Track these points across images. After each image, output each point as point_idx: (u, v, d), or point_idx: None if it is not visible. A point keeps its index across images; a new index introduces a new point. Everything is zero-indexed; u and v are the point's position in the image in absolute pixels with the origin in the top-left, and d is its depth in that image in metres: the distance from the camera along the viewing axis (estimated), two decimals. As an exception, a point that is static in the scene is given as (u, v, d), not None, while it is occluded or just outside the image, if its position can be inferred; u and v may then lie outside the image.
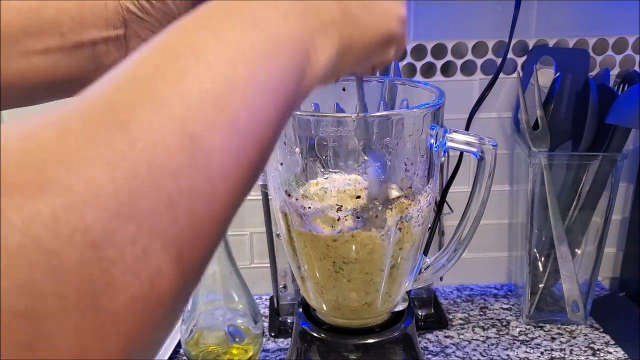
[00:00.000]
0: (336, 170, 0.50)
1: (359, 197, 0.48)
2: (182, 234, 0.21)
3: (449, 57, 0.79)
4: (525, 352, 0.74)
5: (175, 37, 0.26)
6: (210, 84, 0.24)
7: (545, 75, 0.77)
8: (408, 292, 0.58)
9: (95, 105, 0.22)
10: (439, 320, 0.80)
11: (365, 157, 0.48)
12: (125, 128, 0.21)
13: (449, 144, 0.50)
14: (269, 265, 0.77)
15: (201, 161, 0.22)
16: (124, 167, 0.20)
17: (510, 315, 0.82)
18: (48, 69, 0.40)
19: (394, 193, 0.50)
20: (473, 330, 0.79)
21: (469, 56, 0.79)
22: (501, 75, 0.75)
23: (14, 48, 0.39)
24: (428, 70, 0.79)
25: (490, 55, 0.79)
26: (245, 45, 0.26)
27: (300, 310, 0.59)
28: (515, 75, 0.80)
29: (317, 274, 0.53)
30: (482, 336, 0.77)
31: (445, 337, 0.77)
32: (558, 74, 0.74)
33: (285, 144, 0.50)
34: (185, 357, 0.70)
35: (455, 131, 0.50)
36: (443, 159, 0.72)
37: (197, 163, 0.22)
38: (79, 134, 0.20)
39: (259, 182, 0.69)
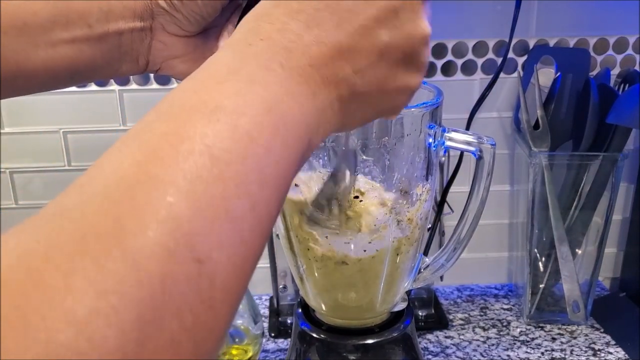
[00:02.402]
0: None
1: (357, 197, 0.48)
2: None
3: (450, 56, 0.79)
4: (526, 352, 0.74)
5: (179, 121, 0.24)
6: (222, 191, 0.22)
7: (545, 75, 0.77)
8: (408, 292, 0.57)
9: (92, 229, 0.20)
10: (439, 321, 0.80)
11: (364, 157, 0.48)
12: (131, 262, 0.19)
13: (448, 143, 0.50)
14: (268, 265, 0.77)
15: (206, 289, 0.21)
16: (132, 315, 0.19)
17: (511, 315, 0.82)
18: (73, 58, 0.41)
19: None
20: (473, 330, 0.78)
21: (470, 56, 0.79)
22: (502, 75, 0.75)
23: (41, 37, 0.39)
24: (428, 70, 0.79)
25: (490, 55, 0.79)
26: (260, 138, 0.24)
27: (300, 310, 0.59)
28: (515, 75, 0.79)
29: (317, 274, 0.53)
30: (483, 336, 0.77)
31: (446, 337, 0.77)
32: (559, 73, 0.74)
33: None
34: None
35: (453, 130, 0.50)
36: (443, 159, 0.72)
37: (202, 291, 0.21)
38: (79, 274, 0.18)
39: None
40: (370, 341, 0.54)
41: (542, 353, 0.73)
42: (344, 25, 0.29)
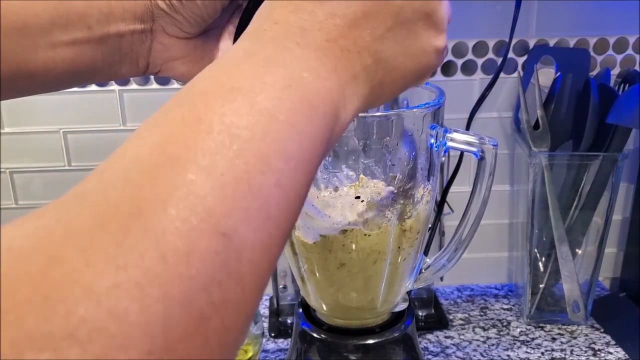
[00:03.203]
0: (336, 171, 0.49)
1: (358, 197, 0.48)
2: (213, 354, 0.20)
3: (450, 56, 0.79)
4: (526, 352, 0.74)
5: (197, 104, 0.24)
6: (243, 166, 0.22)
7: (545, 75, 0.77)
8: (408, 293, 0.57)
9: (113, 209, 0.20)
10: (439, 321, 0.80)
11: (364, 161, 0.48)
12: (153, 238, 0.19)
13: (449, 143, 0.50)
14: (269, 265, 0.77)
15: (233, 263, 0.21)
16: (155, 290, 0.18)
17: (511, 315, 0.82)
18: (73, 60, 0.40)
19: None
20: (473, 330, 0.78)
21: (470, 56, 0.79)
22: (502, 74, 0.75)
23: (41, 39, 0.39)
24: (428, 70, 0.79)
25: (490, 55, 0.79)
26: (279, 113, 0.24)
27: (300, 310, 0.59)
28: (515, 74, 0.79)
29: (317, 274, 0.53)
30: (483, 336, 0.77)
31: (446, 337, 0.77)
32: (559, 73, 0.74)
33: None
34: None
35: (455, 131, 0.50)
36: (443, 159, 0.72)
37: (229, 266, 0.21)
38: (98, 250, 0.18)
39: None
40: (371, 341, 0.54)
41: (542, 353, 0.73)
42: None
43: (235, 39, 0.38)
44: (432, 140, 0.49)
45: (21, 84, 0.40)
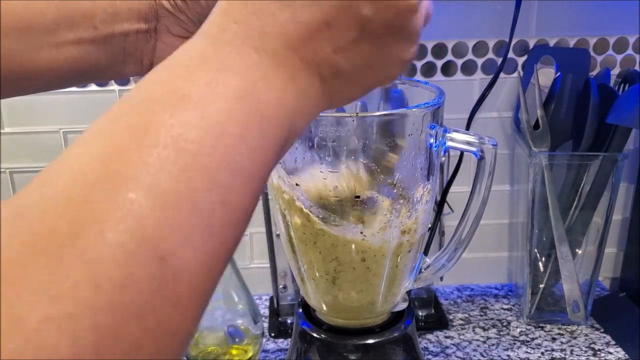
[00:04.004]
0: (335, 171, 0.49)
1: (357, 197, 0.48)
2: None
3: (450, 56, 0.79)
4: (526, 352, 0.74)
5: (144, 113, 0.23)
6: (187, 183, 0.21)
7: (545, 75, 0.77)
8: (408, 292, 0.57)
9: (50, 231, 0.19)
10: (439, 321, 0.80)
11: (364, 161, 0.48)
12: (88, 265, 0.18)
13: (449, 143, 0.50)
14: (268, 265, 0.77)
15: (170, 287, 0.20)
16: (87, 321, 0.18)
17: (511, 315, 0.82)
18: (78, 59, 0.40)
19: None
20: (473, 330, 0.78)
21: (470, 56, 0.79)
22: (502, 75, 0.75)
23: (46, 39, 0.39)
24: (428, 70, 0.79)
25: (490, 55, 0.79)
26: (230, 126, 0.23)
27: (300, 310, 0.59)
28: (515, 75, 0.79)
29: (317, 274, 0.53)
30: (483, 336, 0.77)
31: (446, 337, 0.77)
32: (559, 73, 0.74)
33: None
34: (184, 358, 0.70)
35: (455, 131, 0.50)
36: (443, 158, 0.72)
37: (166, 290, 0.20)
38: (31, 280, 0.18)
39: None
40: (370, 341, 0.54)
41: (542, 353, 0.73)
42: (322, 1, 0.27)
43: None
44: (432, 140, 0.49)
45: (25, 83, 0.41)
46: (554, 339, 0.76)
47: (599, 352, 0.73)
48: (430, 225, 0.62)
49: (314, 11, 0.27)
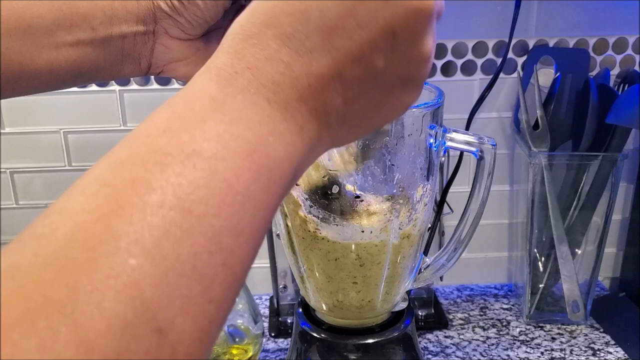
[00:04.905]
0: (336, 171, 0.50)
1: (358, 196, 0.48)
2: None
3: (449, 56, 0.79)
4: (526, 352, 0.74)
5: (151, 167, 0.22)
6: (191, 247, 0.21)
7: (545, 75, 0.77)
8: (408, 292, 0.57)
9: (44, 299, 0.18)
10: (439, 320, 0.80)
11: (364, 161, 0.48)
12: (83, 341, 0.17)
13: (449, 143, 0.50)
14: (269, 265, 0.77)
15: (166, 358, 0.19)
16: None
17: (511, 315, 0.82)
18: (76, 60, 0.41)
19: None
20: (473, 330, 0.79)
21: (469, 56, 0.79)
22: (501, 75, 0.75)
23: (45, 40, 0.39)
24: (428, 70, 0.79)
25: (490, 55, 0.79)
26: (238, 184, 0.23)
27: (300, 310, 0.59)
28: (515, 75, 0.79)
29: (317, 274, 0.53)
30: (482, 336, 0.77)
31: (446, 337, 0.77)
32: (558, 73, 0.74)
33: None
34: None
35: (454, 131, 0.50)
36: (443, 159, 0.72)
37: None
38: (15, 355, 0.17)
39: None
40: (370, 341, 0.54)
41: (542, 353, 0.73)
42: (335, 52, 0.26)
43: None
44: (432, 140, 0.49)
45: (25, 84, 0.41)
46: (553, 339, 0.76)
47: (598, 352, 0.73)
48: (430, 225, 0.63)
49: (328, 62, 0.27)
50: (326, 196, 0.49)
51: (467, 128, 0.73)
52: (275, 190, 0.25)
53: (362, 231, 0.49)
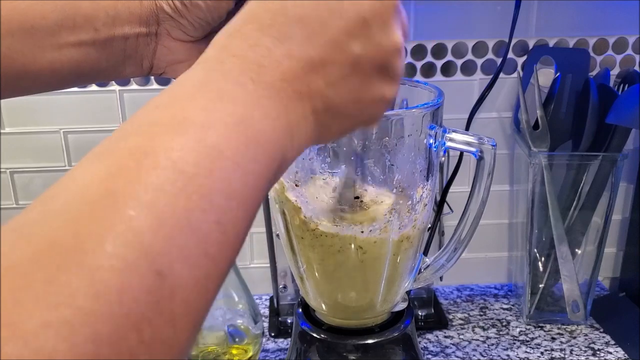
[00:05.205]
0: (335, 172, 0.50)
1: (357, 197, 0.48)
2: None
3: (449, 57, 0.79)
4: (526, 352, 0.74)
5: (145, 136, 0.24)
6: (184, 203, 0.22)
7: (545, 75, 0.77)
8: (408, 292, 0.57)
9: (50, 244, 0.19)
10: (439, 321, 0.80)
11: (363, 161, 0.48)
12: (87, 275, 0.19)
13: (448, 143, 0.50)
14: (268, 265, 0.77)
15: (166, 302, 0.21)
16: (86, 329, 0.18)
17: (511, 315, 0.82)
18: (78, 61, 0.41)
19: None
20: (473, 330, 0.79)
21: (469, 56, 0.79)
22: (501, 75, 0.75)
23: (48, 40, 0.40)
24: (428, 70, 0.79)
25: (490, 55, 0.79)
26: (227, 150, 0.24)
27: (300, 310, 0.59)
28: (515, 75, 0.79)
29: (317, 274, 0.53)
30: (482, 336, 0.77)
31: (445, 337, 0.77)
32: (558, 73, 0.74)
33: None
34: (185, 357, 0.70)
35: (454, 131, 0.50)
36: (443, 159, 0.72)
37: (161, 304, 0.20)
38: (30, 288, 0.18)
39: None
40: (370, 341, 0.54)
41: (542, 353, 0.73)
42: (314, 38, 0.29)
43: None
44: (431, 141, 0.49)
45: (26, 84, 0.41)
46: (553, 339, 0.76)
47: (598, 352, 0.73)
48: (430, 225, 0.63)
49: (308, 49, 0.29)
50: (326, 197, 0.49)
51: (467, 128, 0.73)
52: (264, 162, 0.26)
53: (362, 231, 0.49)
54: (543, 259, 0.78)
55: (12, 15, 0.38)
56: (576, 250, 0.76)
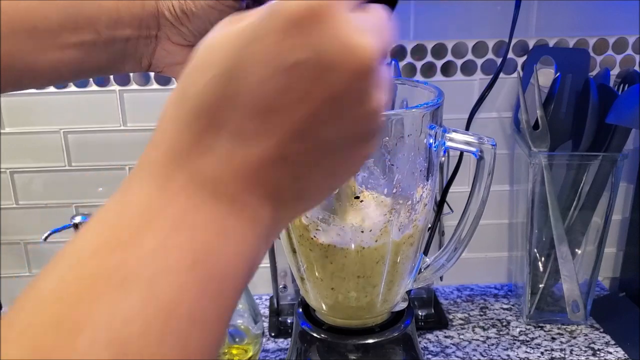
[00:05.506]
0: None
1: (357, 197, 0.48)
2: None
3: (449, 57, 0.79)
4: (526, 352, 0.74)
5: (79, 300, 0.20)
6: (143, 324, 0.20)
7: (545, 75, 0.77)
8: (408, 292, 0.57)
9: None
10: (439, 320, 0.80)
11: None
12: None
13: (448, 143, 0.50)
14: (269, 265, 0.77)
15: None
16: None
17: (511, 315, 0.82)
18: (79, 60, 0.41)
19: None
20: (473, 330, 0.79)
21: (469, 56, 0.79)
22: (501, 75, 0.75)
23: (50, 41, 0.40)
24: (428, 70, 0.79)
25: (490, 55, 0.79)
26: (181, 306, 0.21)
27: (300, 310, 0.59)
28: (515, 75, 0.79)
29: (317, 274, 0.53)
30: (482, 336, 0.77)
31: (446, 337, 0.77)
32: (558, 73, 0.74)
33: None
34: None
35: (454, 131, 0.50)
36: (443, 159, 0.72)
37: None
38: None
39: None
40: (370, 341, 0.54)
41: (542, 353, 0.73)
42: (277, 132, 0.24)
43: None
44: (431, 140, 0.49)
45: (27, 80, 0.42)
46: (553, 339, 0.76)
47: (598, 352, 0.73)
48: (430, 225, 0.63)
49: (270, 144, 0.24)
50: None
51: (467, 128, 0.73)
52: (228, 294, 0.23)
53: (362, 231, 0.49)
54: (543, 259, 0.78)
55: (15, 15, 0.39)
56: (576, 250, 0.76)
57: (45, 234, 0.74)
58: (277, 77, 0.23)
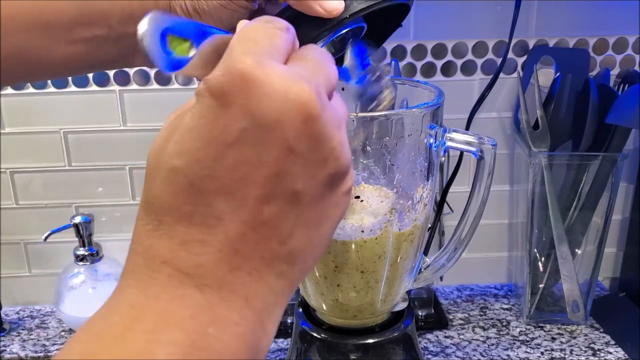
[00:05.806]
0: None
1: (357, 197, 0.48)
2: None
3: (449, 57, 0.79)
4: (526, 352, 0.74)
5: None
6: None
7: (545, 75, 0.77)
8: (408, 292, 0.57)
9: None
10: (439, 321, 0.80)
11: (363, 161, 0.48)
12: None
13: (449, 143, 0.50)
14: (269, 265, 0.77)
15: None
16: None
17: (511, 315, 0.82)
18: (91, 54, 0.41)
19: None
20: (473, 330, 0.79)
21: (469, 56, 0.79)
22: (501, 75, 0.75)
23: (63, 35, 0.40)
24: (428, 70, 0.79)
25: (490, 55, 0.79)
26: None
27: (300, 310, 0.59)
28: (515, 75, 0.79)
29: (317, 274, 0.53)
30: (482, 336, 0.77)
31: (446, 337, 0.77)
32: (558, 73, 0.74)
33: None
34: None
35: (454, 131, 0.50)
36: (443, 158, 0.72)
37: None
38: None
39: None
40: (370, 341, 0.54)
41: (542, 353, 0.73)
42: (246, 203, 0.24)
43: None
44: (431, 140, 0.49)
45: (40, 74, 0.43)
46: (553, 339, 0.76)
47: (598, 352, 0.73)
48: (430, 225, 0.63)
49: (243, 217, 0.24)
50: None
51: (467, 128, 0.73)
52: None
53: (362, 231, 0.49)
54: (543, 259, 0.78)
55: (29, 10, 0.39)
56: (576, 250, 0.76)
57: (45, 234, 0.74)
58: (225, 154, 0.23)
